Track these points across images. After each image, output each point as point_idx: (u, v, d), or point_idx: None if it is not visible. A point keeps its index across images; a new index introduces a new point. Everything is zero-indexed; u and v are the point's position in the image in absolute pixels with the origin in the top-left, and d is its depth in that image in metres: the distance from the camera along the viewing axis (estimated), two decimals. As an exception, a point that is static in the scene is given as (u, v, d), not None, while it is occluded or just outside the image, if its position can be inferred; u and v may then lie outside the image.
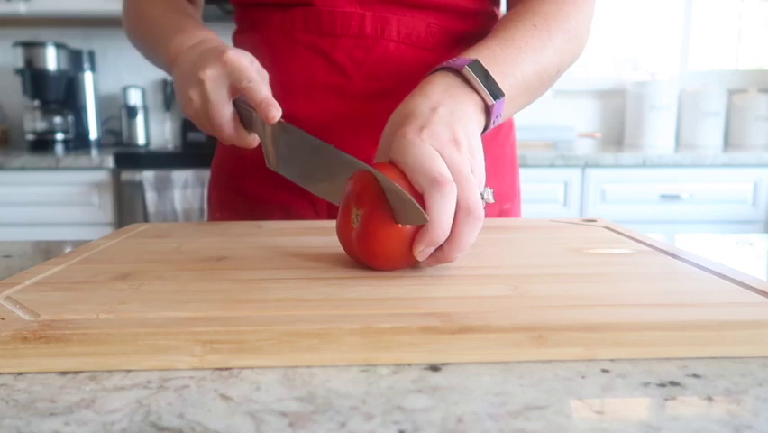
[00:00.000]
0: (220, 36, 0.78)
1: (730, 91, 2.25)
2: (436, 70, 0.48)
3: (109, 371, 0.29)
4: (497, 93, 0.47)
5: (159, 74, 2.32)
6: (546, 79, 0.56)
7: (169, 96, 2.31)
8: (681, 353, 0.30)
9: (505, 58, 0.51)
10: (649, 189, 1.83)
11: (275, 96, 0.63)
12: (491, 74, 0.47)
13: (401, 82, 0.63)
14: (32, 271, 0.41)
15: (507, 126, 0.73)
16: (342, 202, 0.42)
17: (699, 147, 2.13)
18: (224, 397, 0.26)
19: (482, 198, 0.40)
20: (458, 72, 0.47)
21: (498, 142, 0.70)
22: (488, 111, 0.47)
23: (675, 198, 1.82)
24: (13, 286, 0.37)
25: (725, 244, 0.59)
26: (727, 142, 2.27)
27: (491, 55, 0.50)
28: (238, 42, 0.71)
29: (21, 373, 0.28)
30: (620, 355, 0.30)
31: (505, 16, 0.58)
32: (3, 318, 0.31)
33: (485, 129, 0.48)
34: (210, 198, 0.76)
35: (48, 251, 0.57)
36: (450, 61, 0.48)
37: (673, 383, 0.27)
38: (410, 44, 0.63)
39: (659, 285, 0.37)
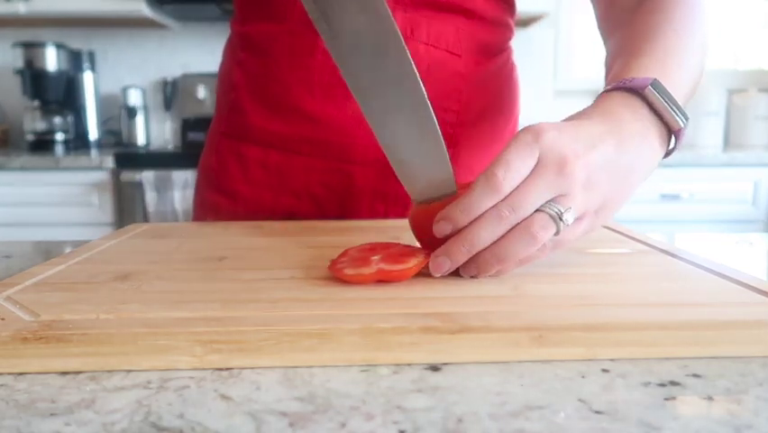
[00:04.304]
0: (219, 37, 0.76)
1: (730, 91, 2.25)
2: (611, 90, 0.44)
3: (109, 371, 0.29)
4: (683, 115, 0.42)
5: (159, 74, 2.32)
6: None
7: (168, 97, 2.31)
8: (681, 353, 0.30)
9: (670, 70, 0.45)
10: (649, 189, 1.82)
11: (293, 92, 0.59)
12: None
13: (429, 86, 0.61)
14: (32, 271, 0.41)
15: (513, 125, 0.73)
16: None
17: (699, 147, 2.13)
18: (224, 397, 0.26)
19: (560, 220, 0.36)
20: (639, 95, 0.42)
21: (502, 142, 0.70)
22: (671, 134, 0.43)
23: (675, 197, 1.82)
24: (13, 286, 0.37)
25: (725, 244, 0.59)
26: (727, 142, 2.27)
27: (660, 67, 0.45)
28: (240, 33, 0.67)
29: (21, 374, 0.28)
30: (620, 355, 0.30)
31: (632, 27, 0.52)
32: (3, 319, 0.31)
33: (668, 153, 0.44)
34: (200, 201, 0.72)
35: (48, 251, 0.57)
36: (626, 81, 0.43)
37: (673, 383, 0.27)
38: (439, 48, 0.62)
39: (659, 285, 0.37)
